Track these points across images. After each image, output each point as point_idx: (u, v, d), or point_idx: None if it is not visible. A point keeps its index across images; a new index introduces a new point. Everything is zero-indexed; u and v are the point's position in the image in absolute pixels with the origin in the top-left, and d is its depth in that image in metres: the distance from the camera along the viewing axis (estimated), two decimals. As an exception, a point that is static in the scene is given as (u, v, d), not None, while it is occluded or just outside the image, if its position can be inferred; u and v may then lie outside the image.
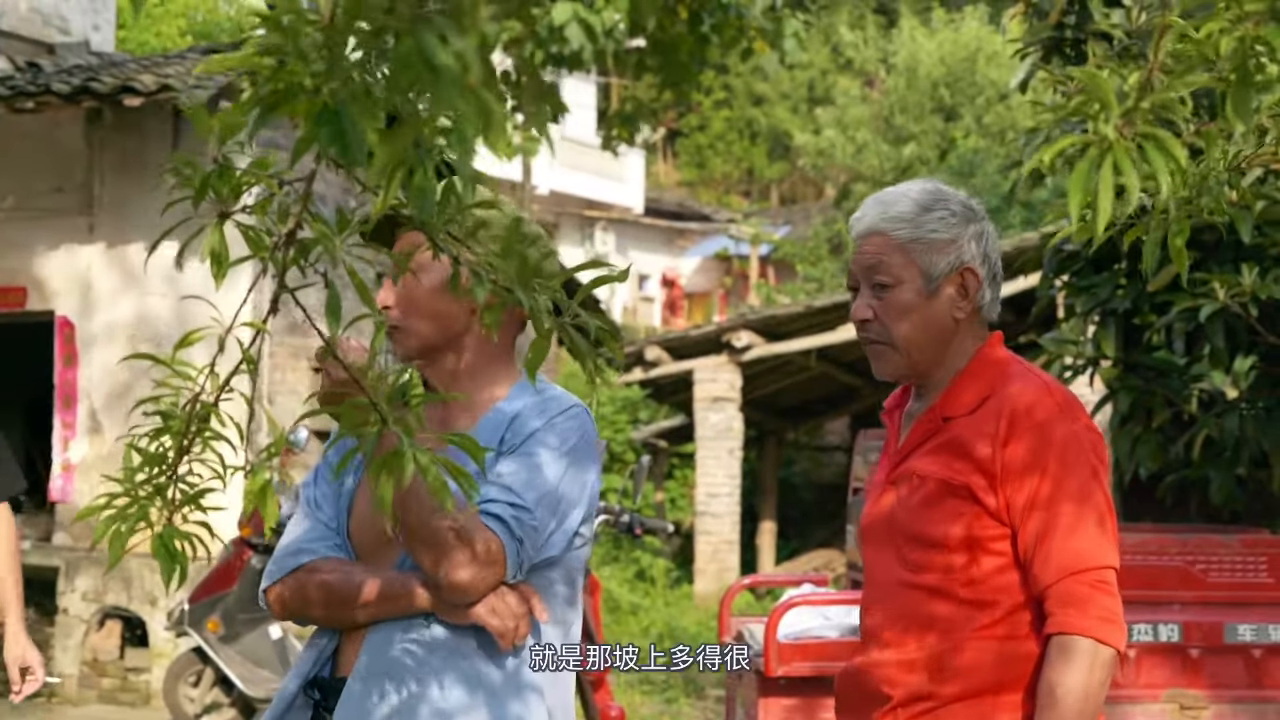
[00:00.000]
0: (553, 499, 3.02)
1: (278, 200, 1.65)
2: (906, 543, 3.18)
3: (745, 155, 37.44)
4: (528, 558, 2.98)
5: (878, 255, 3.19)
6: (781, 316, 16.85)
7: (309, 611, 3.16)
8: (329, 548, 3.15)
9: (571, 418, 3.12)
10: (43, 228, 13.26)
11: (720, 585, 16.26)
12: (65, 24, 13.50)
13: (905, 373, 3.24)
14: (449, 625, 3.02)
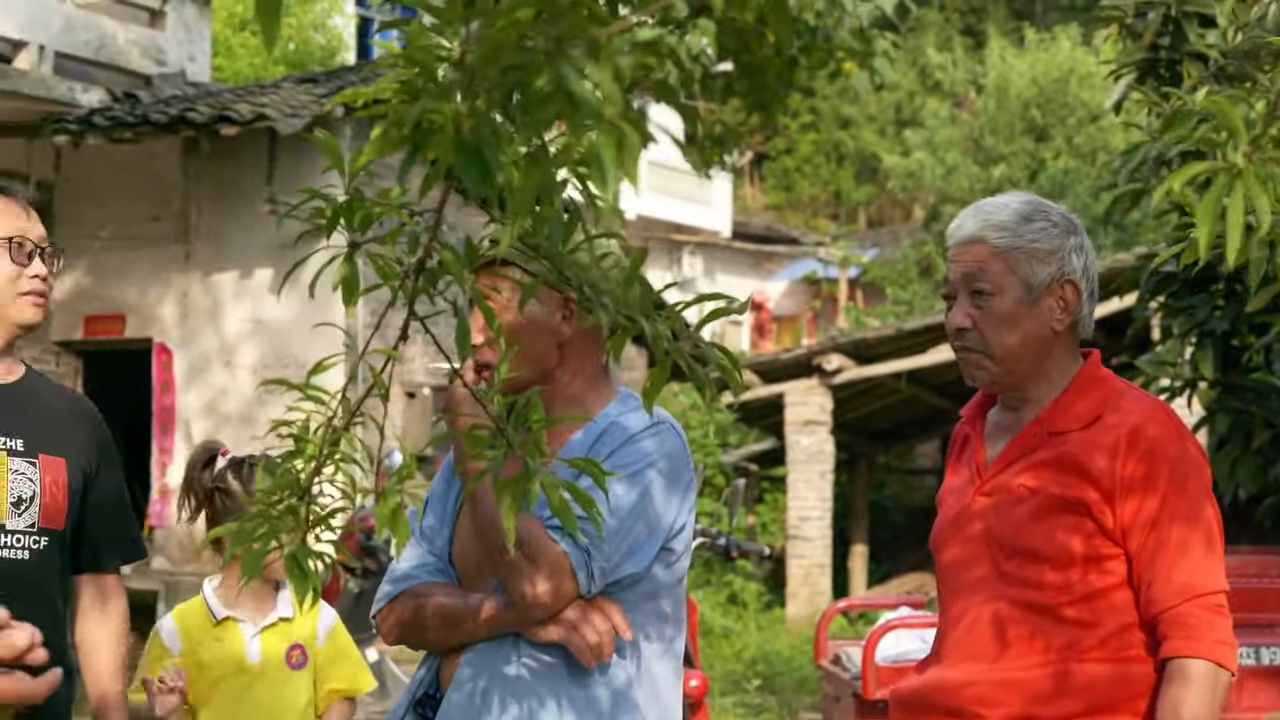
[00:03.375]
0: (631, 513, 3.00)
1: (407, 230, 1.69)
2: (1009, 557, 3.13)
3: (832, 178, 37.36)
4: (600, 569, 2.97)
5: (978, 263, 3.16)
6: (872, 339, 16.79)
7: (414, 635, 3.21)
8: (433, 573, 3.20)
9: (657, 433, 3.11)
10: (140, 256, 13.45)
11: (812, 609, 16.20)
12: (162, 55, 13.68)
13: (1000, 383, 3.21)
14: (540, 646, 3.04)
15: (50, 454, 3.68)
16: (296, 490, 1.82)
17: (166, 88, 13.35)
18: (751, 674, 13.86)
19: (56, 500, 3.68)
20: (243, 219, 13.04)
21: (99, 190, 13.57)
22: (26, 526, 3.61)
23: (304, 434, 1.79)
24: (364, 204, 1.64)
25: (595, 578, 2.97)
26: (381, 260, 1.71)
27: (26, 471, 3.63)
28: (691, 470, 3.19)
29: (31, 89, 12.19)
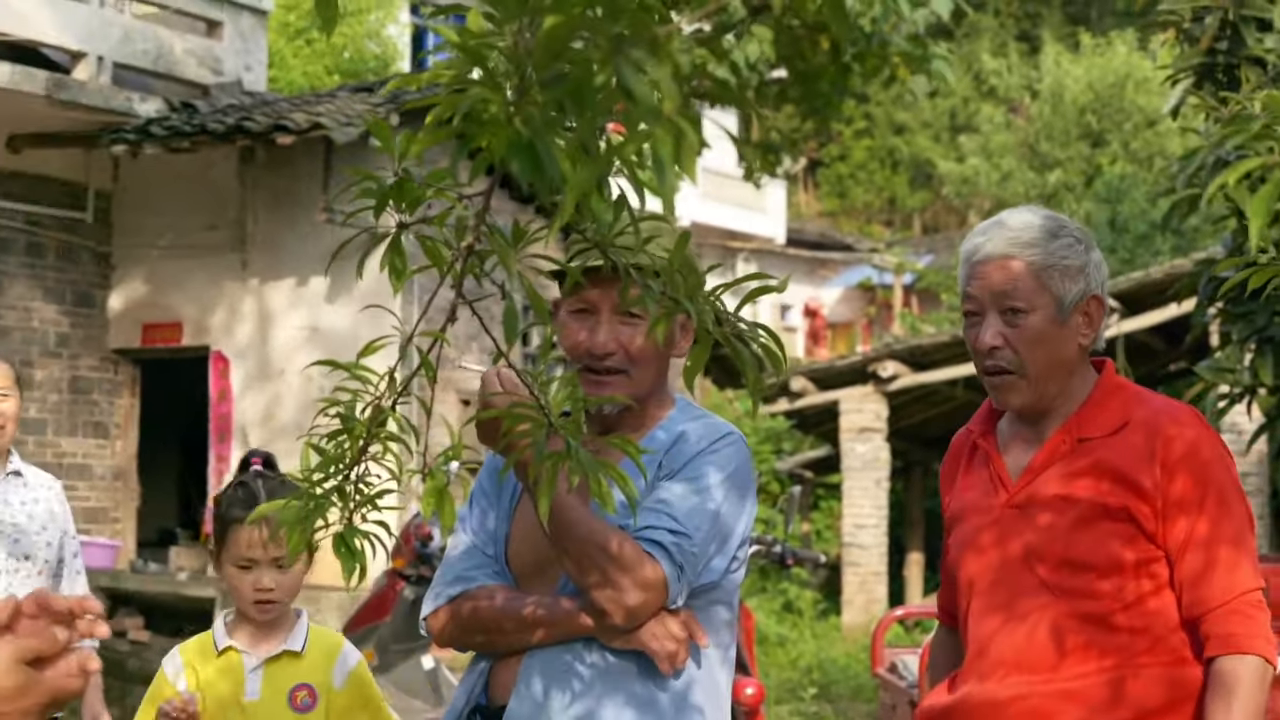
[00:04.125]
0: (713, 525, 3.03)
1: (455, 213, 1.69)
2: (1054, 568, 3.10)
3: (887, 184, 37.29)
4: (688, 583, 3.00)
5: (1011, 281, 3.13)
6: (927, 346, 16.74)
7: (470, 639, 3.19)
8: (488, 575, 3.19)
9: (730, 444, 3.14)
10: (197, 265, 13.53)
11: (868, 617, 16.16)
12: (219, 65, 13.76)
13: (1033, 403, 3.17)
14: (610, 650, 3.04)
15: None
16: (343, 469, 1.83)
17: (223, 97, 13.43)
18: (807, 682, 13.84)
19: None
20: (299, 227, 13.10)
21: (156, 199, 13.67)
22: None
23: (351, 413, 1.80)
24: (413, 186, 1.64)
25: (684, 591, 3.00)
26: (430, 243, 1.72)
27: None
28: (754, 479, 3.22)
29: (90, 99, 12.28)
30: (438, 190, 1.68)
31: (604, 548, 2.90)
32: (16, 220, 13.07)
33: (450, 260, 1.68)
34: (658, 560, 2.94)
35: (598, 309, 3.08)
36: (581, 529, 2.89)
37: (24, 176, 13.08)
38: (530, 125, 1.38)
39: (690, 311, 1.77)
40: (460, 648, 3.25)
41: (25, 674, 1.99)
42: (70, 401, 13.69)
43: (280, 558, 3.75)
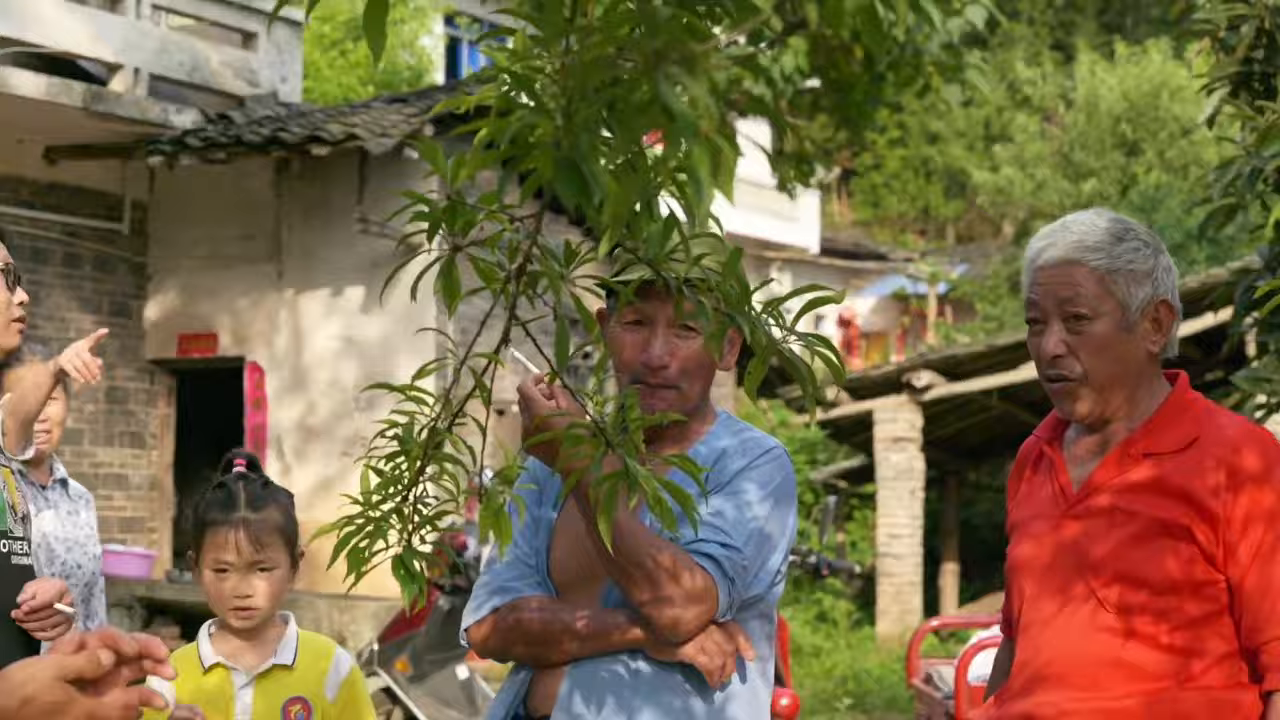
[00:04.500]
0: (759, 538, 3.04)
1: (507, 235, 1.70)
2: (1107, 582, 3.02)
3: (921, 194, 37.22)
4: (738, 597, 3.01)
5: (1074, 286, 3.04)
6: (962, 356, 16.69)
7: (512, 649, 3.19)
8: (530, 585, 3.19)
9: (774, 459, 3.15)
10: (233, 275, 13.59)
11: (903, 627, 16.12)
12: (254, 76, 13.82)
13: (1098, 412, 3.08)
14: (655, 661, 3.04)
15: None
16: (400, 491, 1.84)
17: (258, 108, 13.48)
18: (842, 693, 13.81)
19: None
20: (333, 237, 13.15)
21: (192, 210, 13.73)
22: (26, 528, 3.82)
23: (408, 436, 1.81)
24: (465, 208, 1.65)
25: (733, 604, 3.00)
26: (482, 264, 1.72)
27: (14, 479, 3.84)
28: (795, 493, 3.22)
29: (127, 111, 12.35)
30: (490, 212, 1.69)
31: (655, 560, 2.91)
32: (53, 231, 13.14)
33: (502, 281, 1.69)
34: (709, 573, 2.95)
35: (653, 322, 3.09)
36: (632, 542, 2.90)
37: (61, 188, 13.16)
38: (576, 148, 1.39)
39: (746, 326, 1.77)
40: (501, 658, 3.25)
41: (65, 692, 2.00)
42: (106, 411, 13.76)
43: (262, 561, 3.60)
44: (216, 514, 3.63)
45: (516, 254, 1.68)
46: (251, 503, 3.65)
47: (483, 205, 1.67)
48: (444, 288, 1.69)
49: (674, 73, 1.35)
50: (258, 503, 3.66)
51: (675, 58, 1.35)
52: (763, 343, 1.75)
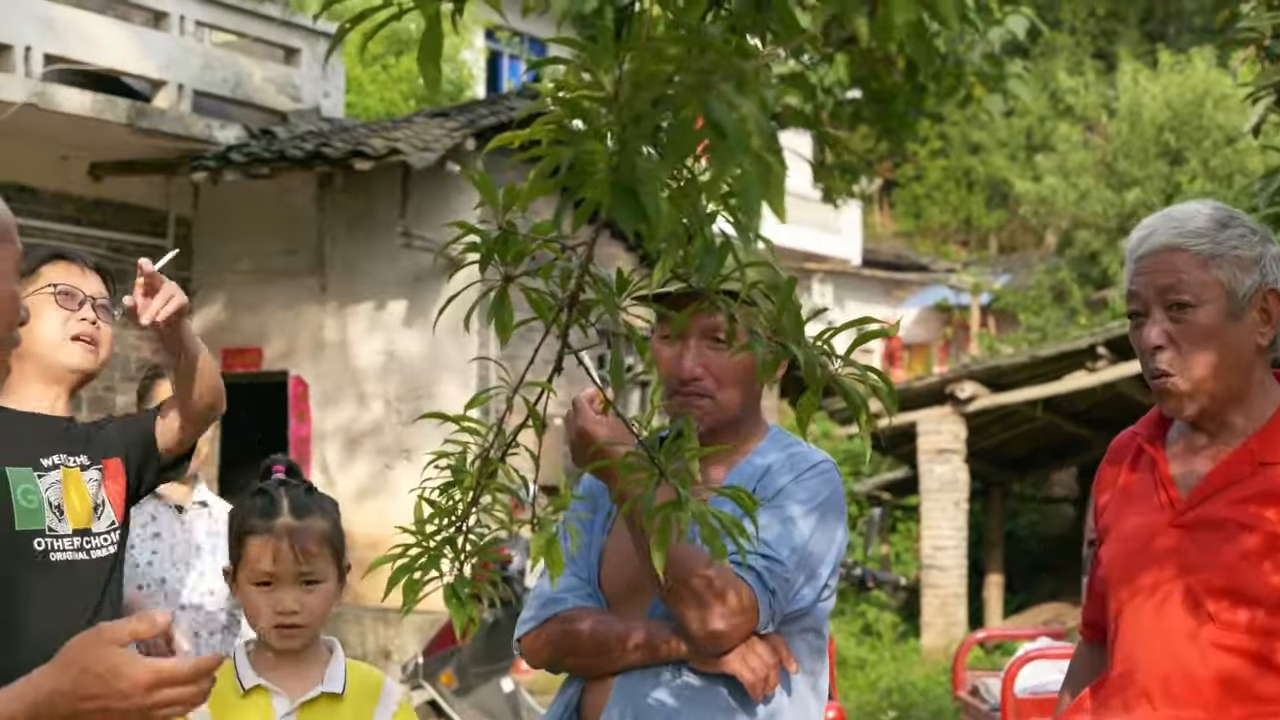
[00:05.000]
0: (803, 552, 3.05)
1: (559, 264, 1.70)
2: (1216, 596, 2.87)
3: (963, 204, 37.10)
4: (780, 609, 3.01)
5: (1176, 273, 2.88)
6: (1005, 366, 16.64)
7: (563, 660, 3.22)
8: (581, 597, 3.22)
9: (821, 473, 3.16)
10: (276, 289, 13.64)
11: (948, 639, 16.07)
12: (297, 92, 13.87)
13: (1203, 407, 2.92)
14: (700, 673, 3.05)
15: (108, 456, 4.02)
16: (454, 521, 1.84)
17: (301, 124, 13.54)
18: (887, 705, 13.77)
19: (120, 497, 4.04)
20: (376, 252, 13.19)
21: (236, 225, 13.78)
22: (108, 527, 3.97)
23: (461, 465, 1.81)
24: (518, 238, 1.65)
25: (775, 616, 3.00)
26: (535, 293, 1.73)
27: (96, 479, 3.98)
28: (845, 508, 3.21)
29: (170, 127, 12.41)
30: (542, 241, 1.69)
31: (696, 571, 2.92)
32: (99, 247, 13.19)
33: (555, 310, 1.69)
34: (749, 585, 2.96)
35: (685, 335, 3.10)
36: (673, 553, 2.90)
37: (106, 204, 13.22)
38: (631, 173, 1.39)
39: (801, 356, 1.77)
40: (553, 669, 3.28)
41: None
42: (152, 426, 13.78)
43: (308, 574, 3.25)
44: (257, 521, 3.30)
45: (569, 282, 1.68)
46: (295, 509, 3.31)
47: (535, 234, 1.67)
48: (496, 318, 1.70)
49: (724, 91, 1.35)
50: (302, 509, 3.33)
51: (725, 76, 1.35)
52: (816, 374, 1.75)
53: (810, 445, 3.25)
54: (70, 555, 3.88)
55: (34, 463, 3.88)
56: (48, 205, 12.49)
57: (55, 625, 3.66)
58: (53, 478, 3.89)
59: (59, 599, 3.80)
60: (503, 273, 1.70)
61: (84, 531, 3.92)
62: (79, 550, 3.90)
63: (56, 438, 3.95)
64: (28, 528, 3.81)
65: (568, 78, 1.46)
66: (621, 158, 1.39)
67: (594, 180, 1.39)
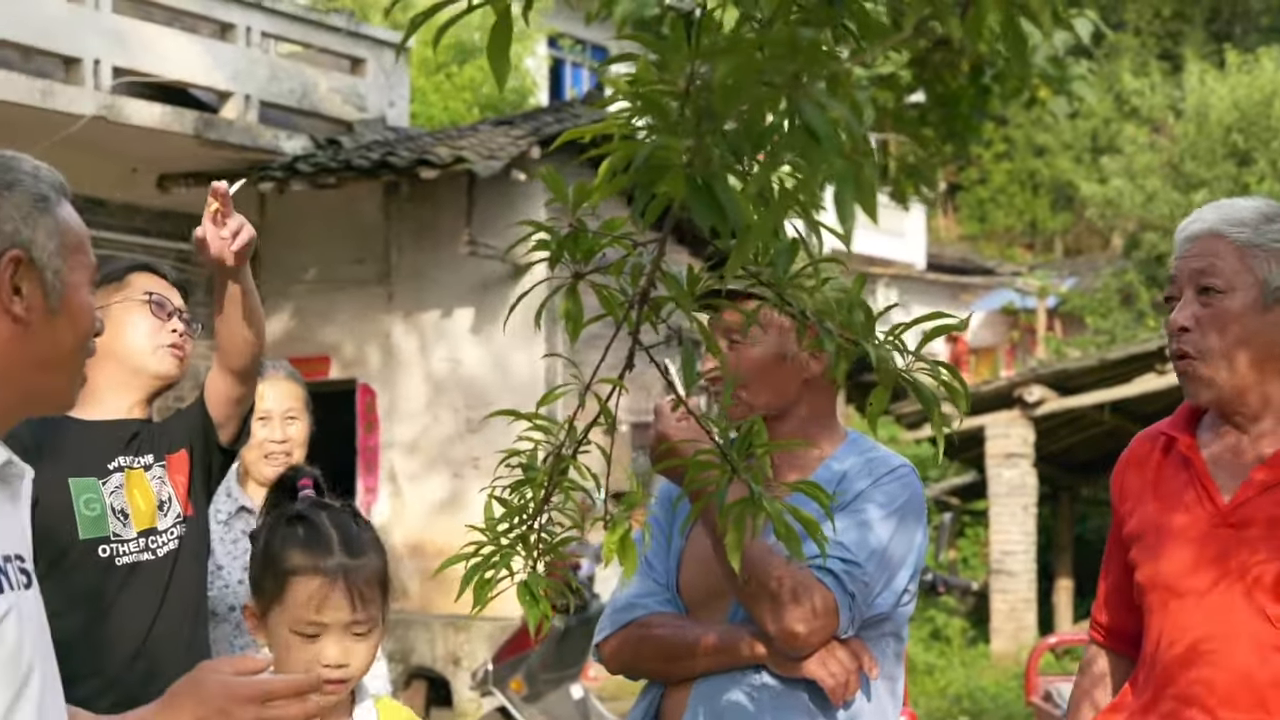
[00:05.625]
0: (882, 556, 3.03)
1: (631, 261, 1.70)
2: (1275, 598, 2.83)
3: (1028, 207, 36.93)
4: (859, 613, 3.00)
5: (1210, 257, 2.89)
6: (1073, 370, 16.52)
7: (642, 665, 3.23)
8: (660, 602, 3.23)
9: (899, 477, 3.15)
10: (343, 298, 13.71)
11: (1018, 644, 15.96)
12: (362, 101, 13.95)
13: (1223, 394, 2.90)
14: (780, 677, 3.05)
15: (172, 451, 4.03)
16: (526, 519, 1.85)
17: (367, 133, 13.61)
18: (957, 710, 13.71)
19: (184, 491, 4.03)
20: (442, 260, 13.23)
21: (303, 235, 13.86)
22: (174, 521, 3.97)
23: (533, 463, 1.82)
24: (587, 236, 1.66)
25: (854, 620, 2.99)
26: (605, 290, 1.73)
27: (160, 476, 3.98)
28: (924, 513, 3.19)
29: (237, 138, 12.49)
30: (612, 238, 1.69)
31: (776, 577, 2.92)
32: (167, 258, 13.28)
33: (625, 307, 1.69)
34: (828, 588, 2.95)
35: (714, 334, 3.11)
36: (752, 556, 2.90)
37: (174, 215, 13.32)
38: (709, 170, 1.39)
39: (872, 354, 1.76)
40: (632, 675, 3.29)
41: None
42: (221, 435, 13.86)
43: (361, 621, 2.80)
44: (302, 558, 2.80)
45: (639, 279, 1.69)
46: (348, 544, 2.83)
47: (605, 231, 1.68)
48: (567, 315, 1.70)
49: (817, 93, 1.35)
50: (355, 545, 2.84)
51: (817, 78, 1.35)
52: (888, 371, 1.75)
53: (889, 450, 3.24)
54: (135, 557, 3.91)
55: (99, 470, 3.92)
56: (117, 217, 12.59)
57: (125, 627, 3.80)
58: (116, 481, 3.92)
59: (126, 601, 3.84)
60: (572, 270, 1.71)
61: (149, 531, 3.94)
62: (144, 550, 3.93)
63: (125, 442, 3.98)
64: (92, 536, 3.84)
65: (640, 74, 1.46)
66: (697, 153, 1.39)
67: (669, 175, 1.39)
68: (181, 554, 4.00)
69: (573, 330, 1.72)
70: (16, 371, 2.29)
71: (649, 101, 1.44)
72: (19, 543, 2.31)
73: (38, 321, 2.29)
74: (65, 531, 3.78)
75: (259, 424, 4.98)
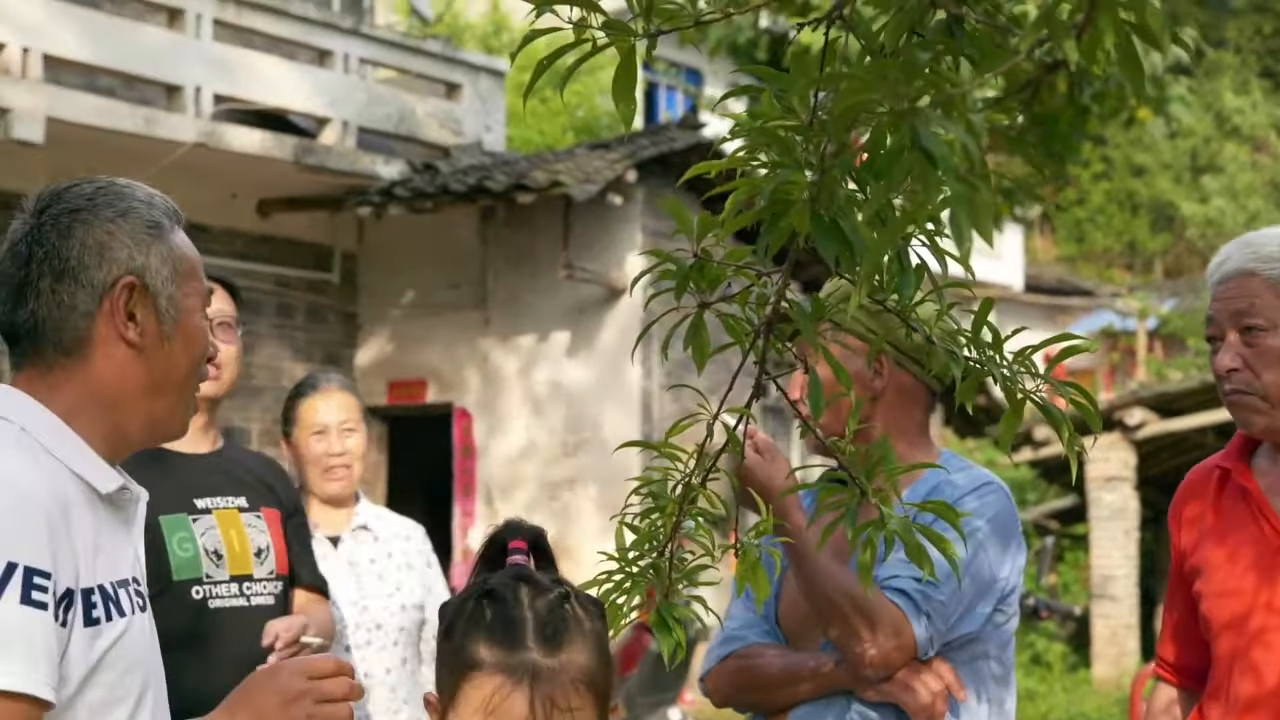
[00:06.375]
0: (964, 574, 2.98)
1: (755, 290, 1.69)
2: None
3: (1127, 228, 36.65)
4: (937, 632, 2.95)
5: (1248, 297, 2.91)
6: (1174, 392, 16.34)
7: (743, 696, 3.23)
8: (758, 634, 3.22)
9: (986, 494, 3.10)
10: (440, 322, 13.77)
11: (1119, 670, 15.79)
12: (459, 126, 14.02)
13: (1277, 423, 2.92)
14: (868, 703, 3.02)
15: (268, 507, 4.03)
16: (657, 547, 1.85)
17: (463, 158, 13.67)
18: (1060, 737, 13.59)
19: (282, 547, 4.03)
20: (539, 284, 13.27)
21: (400, 259, 13.94)
22: (268, 574, 3.96)
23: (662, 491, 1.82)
24: (713, 266, 1.65)
25: (933, 640, 2.95)
26: (730, 319, 1.72)
27: (257, 525, 3.97)
28: (1021, 531, 3.14)
29: (336, 163, 12.59)
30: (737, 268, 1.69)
31: (847, 598, 2.89)
32: (266, 283, 13.42)
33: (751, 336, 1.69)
34: (901, 609, 2.91)
35: None
36: (825, 580, 2.89)
37: (273, 240, 13.44)
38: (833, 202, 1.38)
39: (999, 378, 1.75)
40: (736, 707, 3.29)
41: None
42: (320, 459, 13.94)
43: None
44: (483, 650, 2.18)
45: (764, 308, 1.68)
46: (544, 634, 2.18)
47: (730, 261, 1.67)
48: (693, 344, 1.69)
49: (932, 117, 1.34)
50: (555, 635, 2.19)
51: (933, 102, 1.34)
52: (1015, 396, 1.72)
53: (983, 469, 3.21)
54: (229, 601, 3.86)
55: (188, 506, 3.87)
56: (218, 242, 12.71)
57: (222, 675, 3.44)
58: (207, 522, 3.87)
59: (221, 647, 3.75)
60: (698, 299, 1.70)
61: (243, 577, 3.90)
62: (238, 595, 3.88)
63: (206, 476, 3.95)
64: (185, 577, 3.80)
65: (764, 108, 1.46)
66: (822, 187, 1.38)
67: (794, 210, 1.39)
68: (275, 612, 3.97)
69: (699, 360, 1.72)
70: (131, 398, 2.32)
71: (771, 136, 1.43)
72: (134, 566, 2.35)
73: (152, 347, 2.32)
74: (159, 572, 3.71)
75: (315, 439, 4.90)
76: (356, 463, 4.97)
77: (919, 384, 3.16)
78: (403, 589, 5.02)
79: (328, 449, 4.91)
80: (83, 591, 2.18)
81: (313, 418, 4.91)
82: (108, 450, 2.33)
